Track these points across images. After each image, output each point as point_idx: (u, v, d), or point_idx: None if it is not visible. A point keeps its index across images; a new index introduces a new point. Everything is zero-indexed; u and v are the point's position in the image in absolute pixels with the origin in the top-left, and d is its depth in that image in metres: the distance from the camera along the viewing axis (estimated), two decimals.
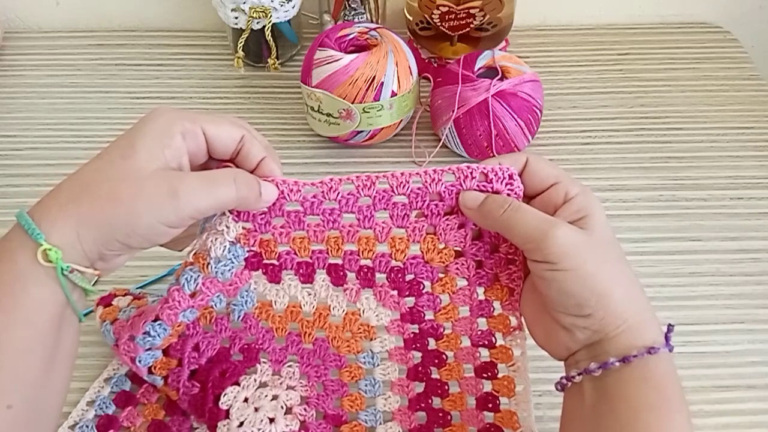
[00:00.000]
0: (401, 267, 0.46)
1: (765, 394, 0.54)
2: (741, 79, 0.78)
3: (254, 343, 0.51)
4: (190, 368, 0.49)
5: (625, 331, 0.39)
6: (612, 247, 0.40)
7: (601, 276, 0.38)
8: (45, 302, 0.36)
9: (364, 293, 0.48)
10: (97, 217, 0.36)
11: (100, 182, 0.37)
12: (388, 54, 0.64)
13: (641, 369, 0.38)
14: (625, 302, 0.39)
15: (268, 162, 0.42)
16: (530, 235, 0.39)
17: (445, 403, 0.49)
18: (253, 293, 0.49)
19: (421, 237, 0.45)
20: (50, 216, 0.36)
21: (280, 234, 0.45)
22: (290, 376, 0.51)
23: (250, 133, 0.42)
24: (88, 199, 0.36)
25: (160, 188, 0.37)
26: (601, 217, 0.40)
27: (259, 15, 0.71)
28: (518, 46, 0.81)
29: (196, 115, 0.40)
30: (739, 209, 0.66)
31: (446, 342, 0.48)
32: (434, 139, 0.70)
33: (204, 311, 0.48)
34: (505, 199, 0.41)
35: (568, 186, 0.41)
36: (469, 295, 0.46)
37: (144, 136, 0.38)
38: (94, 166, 0.38)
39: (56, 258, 0.35)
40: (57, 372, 0.38)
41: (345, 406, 0.51)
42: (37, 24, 0.84)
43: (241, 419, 0.48)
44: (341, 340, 0.49)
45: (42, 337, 0.36)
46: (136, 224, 0.37)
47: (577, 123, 0.73)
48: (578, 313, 0.39)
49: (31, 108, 0.74)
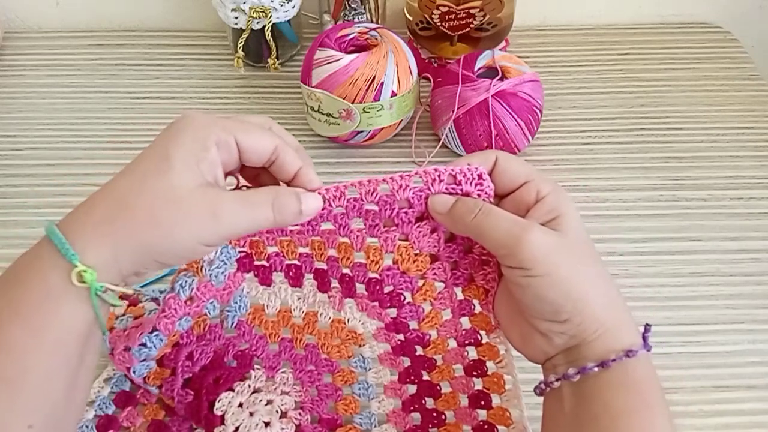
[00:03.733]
0: (378, 279, 0.45)
1: (765, 394, 0.54)
2: (741, 79, 0.78)
3: (248, 349, 0.51)
4: (184, 377, 0.49)
5: (603, 334, 0.38)
6: (586, 247, 0.39)
7: (576, 280, 0.37)
8: (74, 322, 0.35)
9: (347, 302, 0.47)
10: (136, 239, 0.35)
11: (136, 200, 0.35)
12: (388, 54, 0.64)
13: (620, 373, 0.37)
14: (602, 305, 0.38)
15: (305, 172, 0.40)
16: (502, 241, 0.38)
17: (439, 404, 0.49)
18: (246, 297, 0.49)
19: (394, 247, 0.43)
20: (84, 235, 0.35)
21: (266, 238, 0.45)
22: (284, 382, 0.51)
23: (282, 141, 0.40)
24: (125, 220, 0.35)
25: (201, 210, 0.36)
26: (574, 217, 0.39)
27: (259, 15, 0.71)
28: (518, 46, 0.81)
29: (228, 124, 0.38)
30: (739, 209, 0.66)
31: (433, 348, 0.48)
32: (434, 139, 0.70)
33: (198, 319, 0.49)
34: (476, 202, 0.39)
35: (540, 185, 0.40)
36: (449, 297, 0.45)
37: (178, 148, 0.36)
38: (128, 180, 0.36)
39: (91, 279, 0.34)
40: (78, 388, 0.37)
41: (339, 409, 0.51)
42: (37, 24, 0.84)
43: (237, 424, 0.49)
44: (331, 346, 0.50)
45: (68, 358, 0.35)
46: (175, 245, 0.36)
47: (577, 123, 0.73)
48: (555, 318, 0.38)
49: (31, 108, 0.74)
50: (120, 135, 0.71)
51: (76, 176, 0.68)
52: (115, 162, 0.68)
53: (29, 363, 0.34)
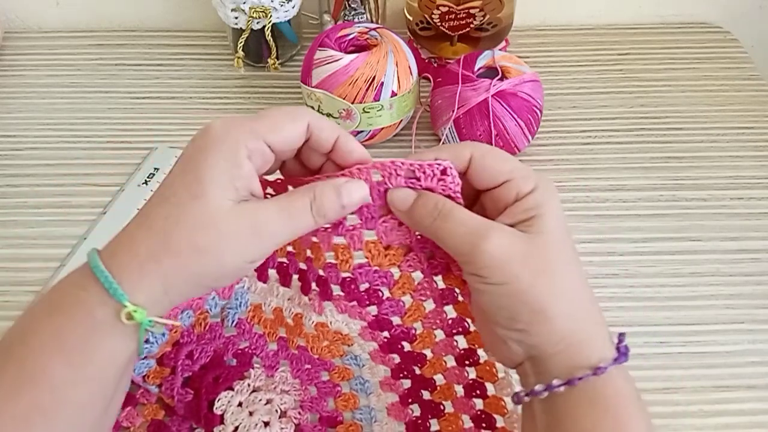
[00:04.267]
0: (352, 278, 0.43)
1: (765, 394, 0.54)
2: (741, 79, 0.78)
3: (248, 348, 0.51)
4: (184, 375, 0.49)
5: (565, 350, 0.35)
6: (559, 252, 0.36)
7: (536, 291, 0.35)
8: (117, 357, 0.35)
9: (326, 305, 0.46)
10: (184, 273, 0.34)
11: (177, 232, 0.34)
12: (388, 54, 0.64)
13: (589, 391, 0.35)
14: (566, 319, 0.35)
15: (344, 141, 0.38)
16: (458, 248, 0.36)
17: (435, 395, 0.48)
18: (247, 294, 0.49)
19: (362, 243, 0.41)
20: (131, 275, 0.34)
21: None
22: (284, 381, 0.51)
23: (313, 117, 0.37)
24: (170, 256, 0.34)
25: (242, 230, 0.34)
26: (552, 218, 0.36)
27: (259, 15, 0.71)
28: (518, 46, 0.81)
29: (255, 126, 0.36)
30: (739, 209, 0.66)
31: (421, 342, 0.46)
32: (434, 139, 0.70)
33: (199, 317, 0.49)
34: (436, 204, 0.37)
35: (521, 183, 0.37)
36: (429, 286, 0.43)
37: (211, 168, 0.34)
38: (163, 211, 0.35)
39: (141, 318, 0.33)
40: (109, 415, 0.37)
41: (339, 406, 0.51)
42: (37, 24, 0.84)
43: (236, 424, 0.48)
44: (321, 347, 0.49)
45: (105, 391, 0.35)
46: (222, 269, 0.35)
47: (577, 123, 0.73)
48: (510, 326, 0.36)
49: (31, 108, 0.74)
50: (120, 135, 0.71)
51: (76, 176, 0.68)
52: (115, 162, 0.68)
53: (68, 395, 0.34)
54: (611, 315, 0.58)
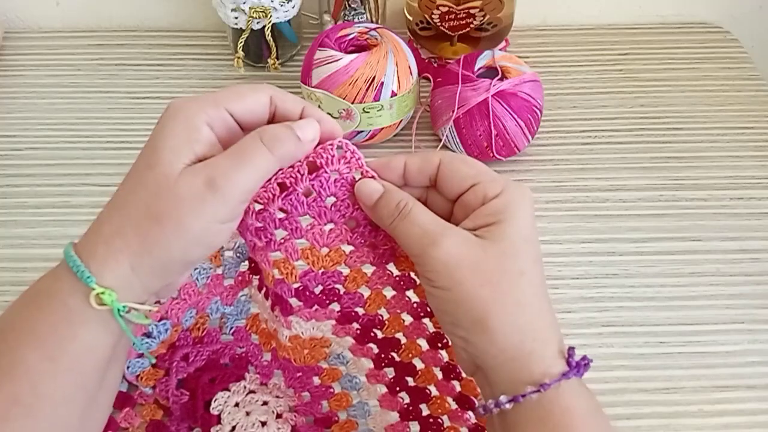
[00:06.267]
0: (303, 286, 0.42)
1: (765, 394, 0.54)
2: (741, 79, 0.78)
3: (244, 353, 0.51)
4: (178, 377, 0.49)
5: (507, 363, 0.35)
6: (513, 261, 0.35)
7: (478, 300, 0.34)
8: (95, 347, 0.34)
9: (292, 318, 0.45)
10: (148, 244, 0.33)
11: (136, 205, 0.33)
12: (388, 54, 0.64)
13: (537, 409, 0.34)
14: (505, 330, 0.34)
15: (310, 112, 0.37)
16: (411, 249, 0.37)
17: (418, 381, 0.48)
18: (249, 302, 0.49)
19: (298, 254, 0.40)
20: (97, 255, 0.33)
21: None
22: (278, 388, 0.51)
23: (276, 90, 0.37)
24: (131, 228, 0.33)
25: (195, 185, 0.33)
26: (513, 225, 0.35)
27: (259, 15, 0.71)
28: (518, 46, 0.80)
29: (215, 97, 0.36)
30: (739, 209, 0.66)
31: (390, 327, 0.46)
32: (434, 139, 0.70)
33: (198, 320, 0.49)
34: (398, 204, 0.37)
35: (487, 187, 0.36)
36: (384, 274, 0.42)
37: (165, 138, 0.34)
38: (126, 187, 0.35)
39: (111, 300, 0.33)
40: (97, 409, 0.37)
41: (333, 406, 0.51)
42: (37, 24, 0.84)
43: (233, 423, 0.48)
44: (303, 357, 0.49)
45: (85, 383, 0.34)
46: (188, 235, 0.33)
47: (577, 123, 0.73)
48: (453, 332, 0.36)
49: (31, 108, 0.74)
50: (120, 135, 0.71)
51: (76, 176, 0.68)
52: (115, 162, 0.68)
53: (46, 388, 0.33)
54: (611, 315, 0.58)
